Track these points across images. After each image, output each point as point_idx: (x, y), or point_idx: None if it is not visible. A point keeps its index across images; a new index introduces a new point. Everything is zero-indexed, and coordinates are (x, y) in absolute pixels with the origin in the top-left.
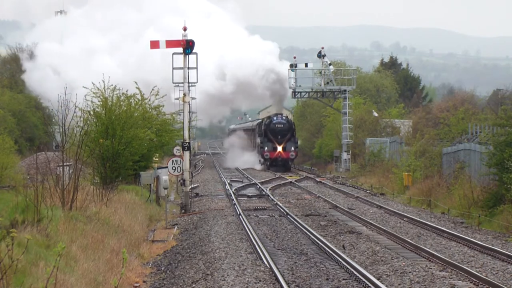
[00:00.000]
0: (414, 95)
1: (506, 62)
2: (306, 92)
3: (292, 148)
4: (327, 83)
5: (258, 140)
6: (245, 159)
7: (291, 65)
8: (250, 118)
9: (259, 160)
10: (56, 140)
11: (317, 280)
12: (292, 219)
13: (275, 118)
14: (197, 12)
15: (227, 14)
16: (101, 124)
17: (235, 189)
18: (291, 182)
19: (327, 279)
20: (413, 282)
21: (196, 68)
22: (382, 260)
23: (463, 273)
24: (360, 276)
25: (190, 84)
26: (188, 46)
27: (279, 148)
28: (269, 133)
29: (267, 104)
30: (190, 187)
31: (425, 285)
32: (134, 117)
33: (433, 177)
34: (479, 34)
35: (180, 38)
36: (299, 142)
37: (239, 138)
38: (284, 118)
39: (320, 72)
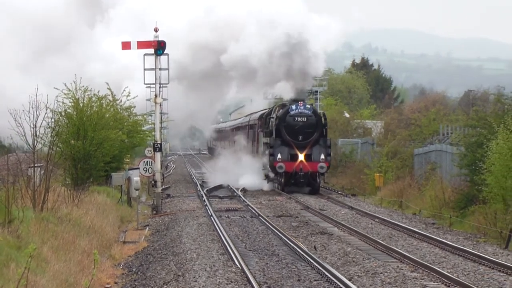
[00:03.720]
0: (385, 96)
1: (477, 63)
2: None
3: (322, 156)
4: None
5: (263, 143)
6: (241, 172)
7: None
8: (221, 119)
9: (266, 176)
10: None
11: (288, 281)
12: (263, 220)
13: (293, 107)
14: None
15: None
16: (72, 125)
17: (207, 190)
18: None
19: (298, 280)
20: (384, 283)
21: (168, 69)
22: (353, 261)
23: (434, 274)
24: (331, 277)
25: (161, 85)
26: (159, 47)
27: (301, 156)
28: (284, 132)
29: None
30: (162, 188)
31: (396, 285)
32: (105, 118)
33: (404, 178)
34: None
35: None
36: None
37: (228, 141)
38: (309, 107)
39: None
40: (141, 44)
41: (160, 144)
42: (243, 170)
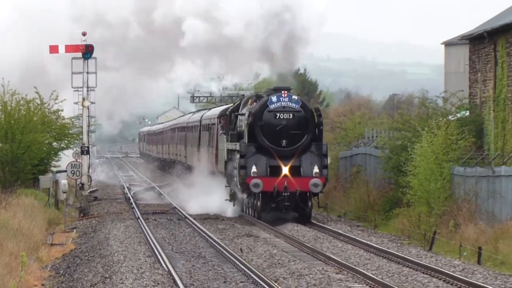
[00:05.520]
0: (311, 100)
1: (401, 68)
2: (205, 96)
3: (316, 169)
4: (225, 88)
5: (226, 150)
6: (191, 191)
7: None
8: (150, 122)
9: (230, 197)
10: None
11: (215, 283)
12: (190, 223)
13: (274, 99)
14: None
15: None
16: (0, 128)
17: (134, 193)
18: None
19: (224, 282)
20: (310, 284)
21: (95, 72)
22: (279, 263)
23: (359, 276)
24: (257, 279)
25: (89, 89)
26: (87, 51)
27: (285, 170)
28: (261, 134)
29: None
30: (89, 191)
31: (321, 287)
32: (33, 121)
33: (330, 181)
34: (374, 39)
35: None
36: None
37: (169, 145)
38: (295, 98)
39: (219, 77)
40: (69, 48)
41: (88, 147)
42: (193, 187)
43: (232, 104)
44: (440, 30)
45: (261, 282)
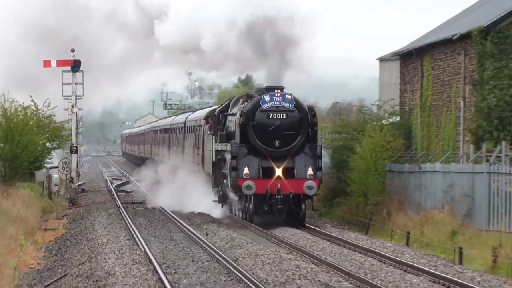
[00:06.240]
0: None
1: (343, 80)
2: (176, 104)
3: (310, 170)
4: (193, 96)
5: (215, 150)
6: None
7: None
8: (136, 125)
9: (219, 199)
10: None
11: (184, 261)
12: (163, 211)
13: (266, 98)
14: None
15: None
16: (1, 131)
17: (115, 186)
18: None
19: (192, 261)
20: (264, 263)
21: (82, 83)
22: (238, 245)
23: (306, 256)
24: (220, 258)
25: (77, 97)
26: (75, 65)
27: (278, 171)
28: (253, 135)
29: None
30: (77, 184)
31: (274, 265)
32: (29, 125)
33: None
34: (325, 55)
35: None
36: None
37: (151, 146)
38: (289, 98)
39: (188, 88)
40: (60, 63)
41: (76, 147)
42: (175, 185)
43: (219, 105)
44: (376, 47)
45: (223, 261)
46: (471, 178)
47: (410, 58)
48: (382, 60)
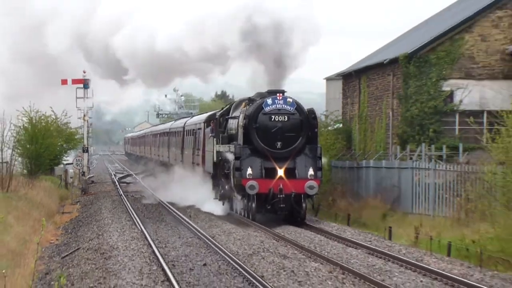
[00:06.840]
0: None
1: (298, 95)
2: (166, 114)
3: (311, 171)
4: (180, 108)
5: (216, 151)
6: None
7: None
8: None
9: (220, 197)
10: None
11: (172, 238)
12: (157, 198)
13: (269, 101)
14: None
15: None
16: (28, 135)
17: (118, 178)
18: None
19: (179, 237)
20: (236, 239)
21: (91, 97)
22: (215, 225)
23: (269, 233)
24: (201, 235)
25: (88, 108)
26: (86, 83)
27: (280, 172)
28: (256, 137)
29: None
30: (88, 176)
31: (244, 240)
32: (50, 130)
33: None
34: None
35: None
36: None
37: (151, 148)
38: (290, 101)
39: (175, 101)
40: (75, 81)
41: (87, 147)
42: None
43: (219, 109)
44: (323, 69)
45: (203, 237)
46: (398, 172)
47: (350, 78)
48: (328, 79)
